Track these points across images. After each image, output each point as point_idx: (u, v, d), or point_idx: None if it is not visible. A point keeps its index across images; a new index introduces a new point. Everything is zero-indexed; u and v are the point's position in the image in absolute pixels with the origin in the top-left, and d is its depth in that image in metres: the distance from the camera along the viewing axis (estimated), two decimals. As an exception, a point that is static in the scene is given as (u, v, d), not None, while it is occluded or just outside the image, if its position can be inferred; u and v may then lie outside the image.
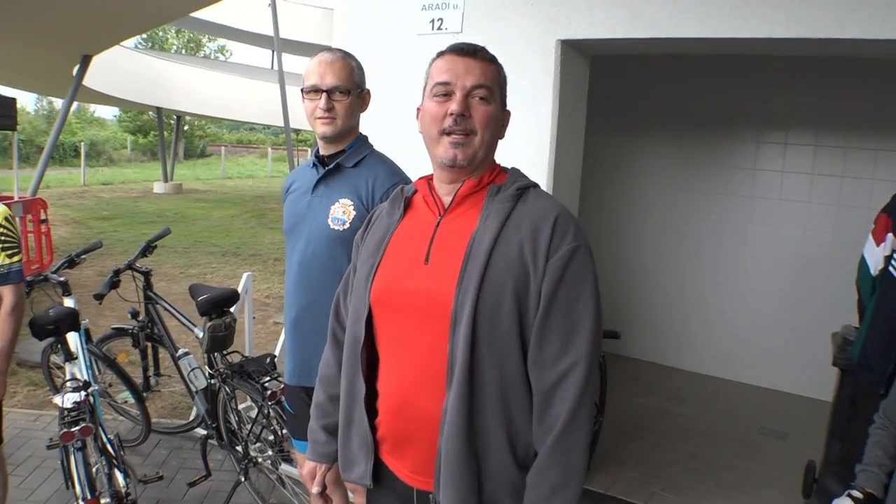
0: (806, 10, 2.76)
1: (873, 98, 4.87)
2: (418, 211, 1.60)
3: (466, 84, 1.48)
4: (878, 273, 2.82)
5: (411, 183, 2.06)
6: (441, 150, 1.50)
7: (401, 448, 1.55)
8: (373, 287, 1.55)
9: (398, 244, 1.57)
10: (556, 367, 1.41)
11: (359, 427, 1.59)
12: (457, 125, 1.47)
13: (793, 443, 4.42)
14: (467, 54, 1.50)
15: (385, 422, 1.56)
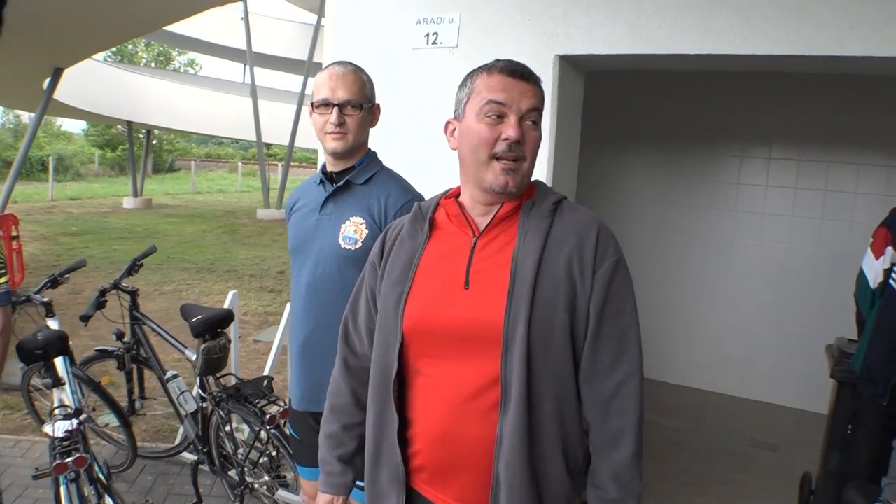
0: (806, 27, 2.79)
1: (855, 113, 4.95)
2: (447, 232, 1.54)
3: (522, 107, 1.43)
4: (877, 286, 2.84)
5: (425, 200, 2.04)
6: (490, 175, 1.45)
7: (443, 477, 1.49)
8: (406, 315, 1.48)
9: (430, 268, 1.50)
10: (611, 379, 1.43)
11: (389, 460, 1.52)
12: (511, 151, 1.43)
13: (784, 454, 4.44)
14: (522, 77, 1.45)
15: (425, 451, 1.50)
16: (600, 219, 1.48)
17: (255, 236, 15.37)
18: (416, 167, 2.59)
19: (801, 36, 2.80)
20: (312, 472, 2.29)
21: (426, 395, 1.49)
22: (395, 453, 1.50)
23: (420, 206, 1.59)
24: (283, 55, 21.74)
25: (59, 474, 2.42)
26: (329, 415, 1.71)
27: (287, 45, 21.79)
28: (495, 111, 1.42)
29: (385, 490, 1.54)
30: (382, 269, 1.58)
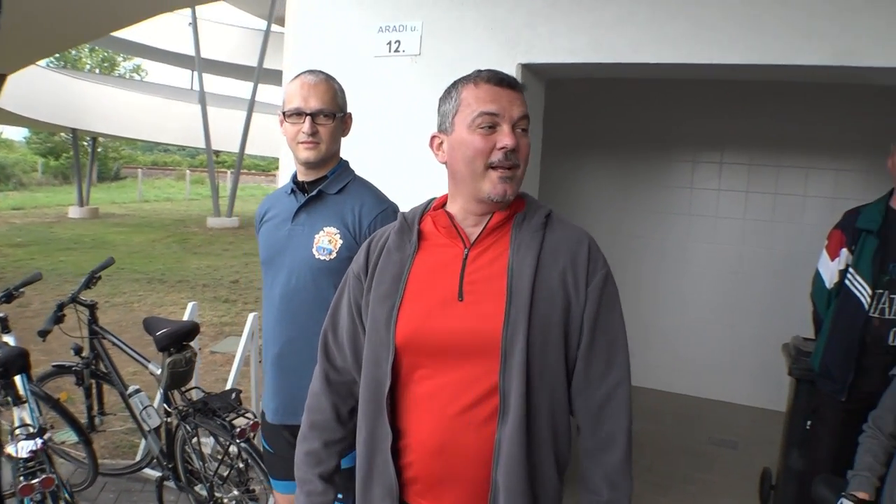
0: (761, 38, 2.89)
1: (803, 119, 5.14)
2: (435, 243, 1.52)
3: (514, 115, 1.43)
4: (832, 286, 2.95)
5: (398, 209, 2.04)
6: (488, 185, 1.44)
7: (438, 488, 1.48)
8: (398, 329, 1.46)
9: (421, 280, 1.49)
10: (603, 387, 1.46)
11: (382, 475, 1.50)
12: (507, 159, 1.42)
13: (743, 451, 4.56)
14: (509, 86, 1.45)
15: (419, 463, 1.48)
16: (588, 233, 1.51)
17: (206, 245, 15.09)
18: (378, 174, 2.57)
19: (755, 46, 2.90)
20: (287, 486, 2.26)
21: (419, 408, 1.47)
22: (388, 468, 1.48)
23: (405, 216, 1.57)
24: (231, 61, 21.42)
25: (25, 496, 2.33)
26: (309, 432, 1.66)
27: (236, 50, 21.49)
28: (488, 122, 1.42)
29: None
30: (369, 281, 1.55)
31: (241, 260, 13.10)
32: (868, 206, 2.90)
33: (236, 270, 11.83)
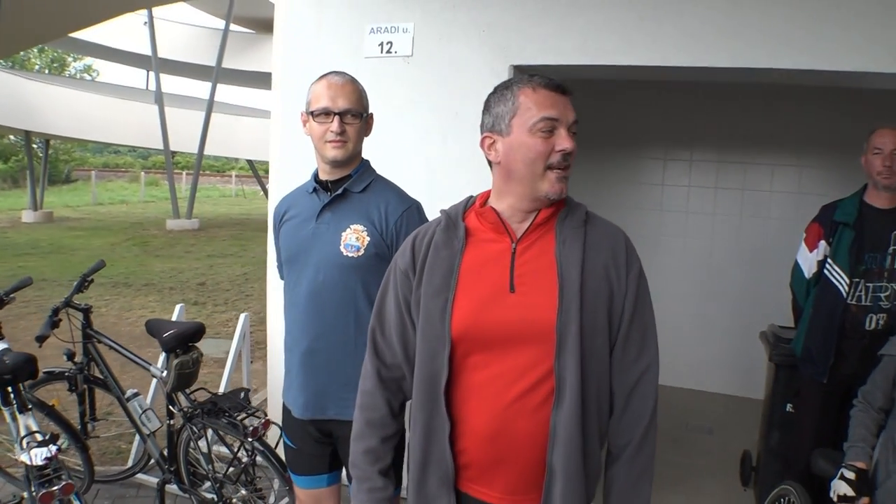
0: (743, 43, 3.05)
1: (768, 119, 5.37)
2: (481, 238, 1.59)
3: (569, 119, 1.53)
4: (811, 276, 3.11)
5: (421, 206, 2.12)
6: (546, 185, 1.52)
7: (490, 472, 1.56)
8: (454, 322, 1.53)
9: (471, 275, 1.56)
10: (636, 368, 1.57)
11: (440, 463, 1.57)
12: (564, 161, 1.52)
13: (719, 436, 4.76)
14: (563, 92, 1.54)
15: (472, 449, 1.56)
16: (622, 229, 1.63)
17: (168, 248, 14.85)
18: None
19: (738, 50, 3.07)
20: (309, 481, 2.31)
21: (474, 396, 1.55)
22: (445, 456, 1.55)
23: (448, 214, 1.65)
24: (188, 60, 21.09)
25: (45, 503, 2.31)
26: (366, 429, 1.69)
27: (193, 50, 21.16)
28: (548, 126, 1.50)
29: (434, 494, 1.59)
30: (418, 278, 1.60)
31: (206, 262, 12.95)
32: (844, 201, 3.07)
33: (202, 273, 11.70)
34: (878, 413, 2.17)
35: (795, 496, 2.38)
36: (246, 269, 12.22)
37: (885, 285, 2.91)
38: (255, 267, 12.51)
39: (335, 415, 2.13)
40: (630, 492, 1.58)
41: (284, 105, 3.83)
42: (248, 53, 21.64)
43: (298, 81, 3.79)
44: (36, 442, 2.49)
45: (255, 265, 12.77)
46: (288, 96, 3.82)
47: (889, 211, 2.94)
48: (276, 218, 2.31)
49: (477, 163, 3.37)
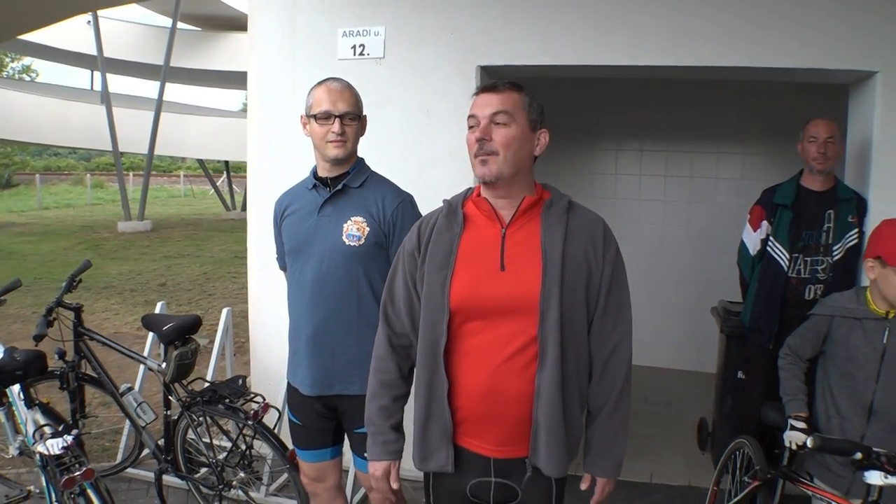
0: (693, 43, 3.36)
1: (713, 110, 5.73)
2: (477, 224, 1.84)
3: (486, 113, 1.77)
4: (756, 253, 3.43)
5: (412, 198, 2.35)
6: (477, 170, 1.79)
7: (484, 427, 1.80)
8: (452, 294, 1.77)
9: (467, 254, 1.80)
10: (612, 339, 1.83)
11: (440, 419, 1.81)
12: (481, 148, 1.76)
13: (675, 408, 5.10)
14: (487, 90, 1.80)
15: (467, 406, 1.80)
16: (601, 217, 1.87)
17: (122, 250, 14.66)
18: None
19: (688, 50, 3.37)
20: (313, 455, 2.52)
21: (469, 359, 1.79)
22: (444, 412, 1.80)
23: (450, 203, 1.89)
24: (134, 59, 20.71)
25: (68, 489, 2.41)
26: (380, 390, 1.94)
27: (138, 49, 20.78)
28: (473, 123, 1.79)
29: (435, 446, 1.83)
30: (422, 257, 1.85)
31: (163, 263, 12.86)
32: (783, 185, 3.40)
33: (161, 273, 11.64)
34: (804, 363, 2.48)
35: (749, 447, 2.67)
36: (205, 269, 12.20)
37: (822, 259, 3.25)
38: (214, 266, 12.50)
39: (341, 390, 2.35)
40: (607, 447, 1.84)
41: (261, 106, 3.99)
42: (196, 51, 21.38)
43: (274, 83, 3.97)
44: (50, 433, 2.60)
45: (214, 264, 12.76)
46: (264, 98, 3.98)
47: (823, 193, 3.28)
48: (278, 213, 2.50)
49: (449, 159, 3.65)
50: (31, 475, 3.89)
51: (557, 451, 1.75)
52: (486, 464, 1.83)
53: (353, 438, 2.44)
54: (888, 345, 2.22)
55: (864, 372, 2.25)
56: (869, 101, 3.36)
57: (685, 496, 3.77)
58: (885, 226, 2.34)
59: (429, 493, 1.96)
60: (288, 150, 3.91)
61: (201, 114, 23.55)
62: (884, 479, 1.85)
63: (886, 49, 3.22)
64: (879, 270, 2.23)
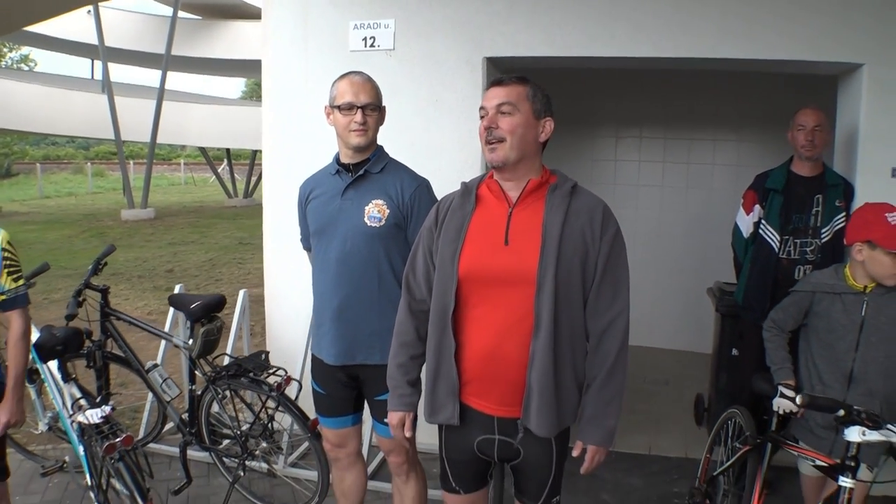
0: (688, 36, 3.54)
1: (710, 99, 5.90)
2: (488, 203, 2.03)
3: (493, 104, 1.96)
4: (749, 235, 3.61)
5: (428, 182, 2.53)
6: (486, 155, 1.98)
7: (486, 387, 2.00)
8: (461, 264, 1.97)
9: (477, 230, 2.00)
10: (608, 315, 1.99)
11: (447, 377, 2.02)
12: (489, 135, 1.95)
13: (674, 387, 5.31)
14: (496, 84, 1.99)
15: (472, 368, 2.00)
16: (603, 200, 2.04)
17: (126, 238, 14.82)
18: None
19: (683, 43, 3.55)
20: (335, 422, 2.72)
21: (475, 325, 1.99)
22: (451, 371, 2.00)
23: (466, 185, 2.09)
24: (134, 48, 20.77)
25: (108, 454, 2.59)
26: (399, 349, 2.18)
27: (138, 38, 20.84)
28: (483, 113, 1.99)
29: (442, 401, 2.04)
30: (438, 231, 2.06)
31: (169, 250, 13.04)
32: (774, 171, 3.57)
33: (167, 260, 11.82)
34: (787, 335, 2.68)
35: (740, 416, 2.87)
36: (210, 255, 12.39)
37: (810, 241, 3.44)
38: (219, 253, 12.69)
39: (363, 360, 2.54)
40: (599, 416, 2.00)
41: (275, 96, 4.16)
42: (196, 40, 21.46)
43: (287, 73, 4.13)
44: (88, 405, 2.79)
45: (219, 251, 12.95)
46: (277, 87, 4.15)
47: (812, 178, 3.46)
48: (302, 197, 2.68)
49: (456, 146, 3.82)
50: (56, 451, 4.09)
51: (547, 414, 1.93)
52: (490, 422, 2.03)
53: (373, 405, 2.63)
54: (866, 316, 2.42)
55: (844, 342, 2.44)
56: (856, 92, 3.54)
57: (681, 467, 3.98)
58: (869, 210, 2.51)
59: (442, 447, 2.17)
60: (301, 138, 4.09)
61: (202, 102, 23.65)
62: (862, 435, 2.03)
63: (872, 43, 3.40)
64: (868, 253, 2.40)
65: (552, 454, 2.05)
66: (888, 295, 2.42)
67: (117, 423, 2.77)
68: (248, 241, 14.48)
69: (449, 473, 2.18)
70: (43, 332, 3.08)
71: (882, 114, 3.45)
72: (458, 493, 2.19)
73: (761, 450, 2.63)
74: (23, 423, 2.58)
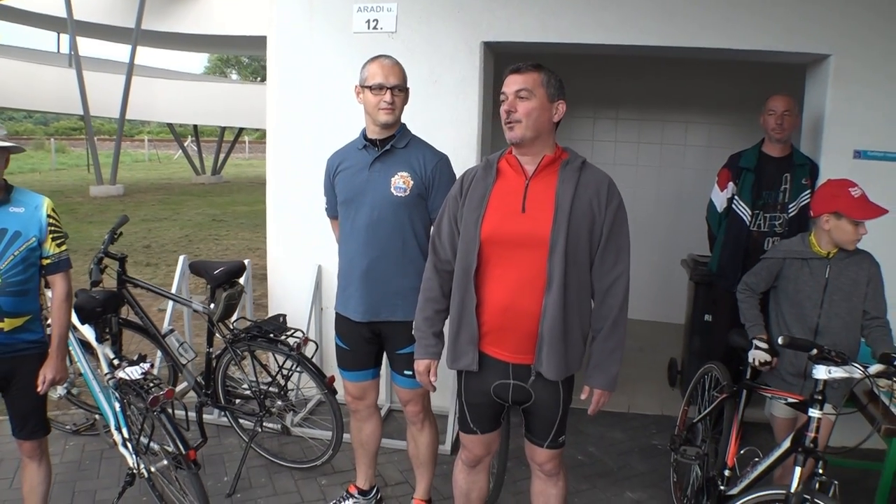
0: (671, 27, 3.84)
1: (683, 82, 6.23)
2: (507, 176, 2.30)
3: (512, 90, 2.23)
4: (722, 210, 3.94)
5: (447, 157, 2.78)
6: (506, 134, 2.25)
7: (502, 336, 2.29)
8: (483, 229, 2.25)
9: (497, 199, 2.27)
10: (611, 275, 2.28)
11: (468, 328, 2.30)
12: (508, 118, 2.23)
13: (648, 353, 5.68)
14: (514, 72, 2.26)
15: (490, 320, 2.28)
16: (609, 175, 2.32)
17: (98, 214, 14.73)
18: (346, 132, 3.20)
19: (668, 31, 3.85)
20: (357, 375, 2.99)
21: (494, 282, 2.26)
22: (472, 322, 2.29)
23: (488, 159, 2.36)
24: (103, 22, 20.36)
25: (153, 406, 2.77)
26: (425, 304, 2.46)
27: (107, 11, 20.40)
28: (503, 98, 2.25)
29: (463, 349, 2.32)
30: (463, 199, 2.33)
31: (142, 226, 13.03)
32: (747, 151, 3.90)
33: (143, 236, 11.84)
34: (759, 296, 3.01)
35: (717, 370, 3.20)
36: (185, 231, 12.45)
37: (779, 215, 3.78)
38: (193, 229, 12.75)
39: (387, 317, 2.81)
40: (603, 363, 2.31)
41: (280, 74, 4.34)
42: (164, 14, 21.11)
43: (292, 53, 4.32)
44: (126, 363, 2.98)
45: (194, 227, 13.01)
46: (283, 66, 4.33)
47: (781, 158, 3.79)
48: (331, 169, 2.92)
49: (454, 124, 4.08)
50: (66, 416, 4.26)
51: (557, 360, 2.22)
52: (505, 368, 2.31)
53: (394, 359, 2.90)
54: (829, 278, 2.76)
55: (810, 301, 2.78)
56: (823, 80, 3.89)
57: (658, 423, 4.35)
58: (834, 185, 2.81)
59: (462, 393, 2.45)
60: (306, 115, 4.30)
61: (169, 77, 23.35)
62: (828, 373, 2.35)
63: (838, 36, 3.75)
64: (834, 222, 2.71)
65: (559, 397, 2.34)
66: (848, 259, 2.76)
67: (157, 378, 2.96)
68: (220, 217, 14.53)
69: (468, 416, 2.47)
70: (81, 295, 3.25)
71: (846, 100, 3.80)
72: (476, 433, 2.48)
73: (737, 397, 2.97)
74: (66, 380, 2.75)
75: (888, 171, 3.81)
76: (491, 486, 3.02)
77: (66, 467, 3.63)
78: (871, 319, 2.76)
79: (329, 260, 4.26)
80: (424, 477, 3.08)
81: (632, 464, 3.84)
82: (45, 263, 2.65)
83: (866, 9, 3.73)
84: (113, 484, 3.44)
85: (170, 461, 2.98)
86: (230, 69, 50.93)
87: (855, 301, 2.76)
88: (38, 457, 2.76)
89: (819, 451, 2.36)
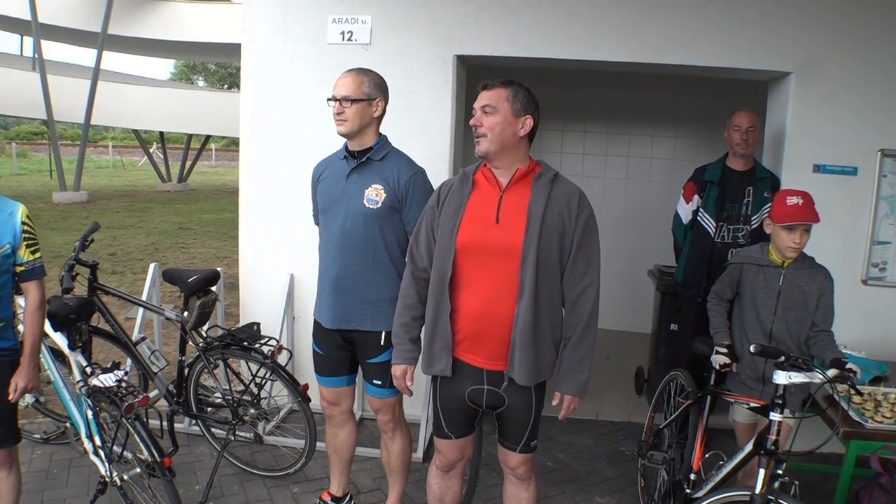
0: (638, 43, 3.96)
1: (649, 97, 6.39)
2: (482, 187, 2.38)
3: (478, 105, 2.33)
4: (688, 222, 4.05)
5: (424, 171, 2.84)
6: (475, 147, 2.34)
7: (476, 343, 2.35)
8: (458, 238, 2.32)
9: (472, 209, 2.34)
10: (581, 284, 2.37)
11: (442, 334, 2.36)
12: (474, 131, 2.33)
13: (615, 362, 5.78)
14: (483, 88, 2.35)
15: (465, 327, 2.35)
16: (579, 188, 2.39)
17: (61, 221, 14.48)
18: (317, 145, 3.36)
19: (633, 48, 3.96)
20: (332, 381, 3.03)
21: (468, 289, 2.33)
22: (446, 328, 2.35)
23: (465, 171, 2.43)
24: (65, 25, 20.05)
25: (129, 413, 2.77)
26: (403, 310, 2.52)
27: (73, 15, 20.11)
28: (473, 113, 2.35)
29: (437, 355, 2.38)
30: (440, 210, 2.40)
31: (107, 234, 12.83)
32: (711, 165, 4.02)
33: (108, 244, 11.66)
34: (726, 304, 3.12)
35: (682, 377, 3.30)
36: (151, 239, 12.30)
37: (742, 227, 3.90)
38: (159, 237, 12.60)
39: (356, 325, 2.85)
40: (573, 370, 2.39)
41: (255, 84, 4.36)
42: (131, 19, 20.89)
43: (267, 63, 4.34)
44: (100, 371, 2.96)
45: (160, 235, 12.85)
46: (257, 77, 4.35)
47: (744, 172, 3.92)
48: (315, 177, 2.97)
49: (426, 136, 4.13)
50: (32, 425, 4.19)
51: (528, 366, 2.29)
52: (479, 374, 2.38)
53: (365, 368, 2.94)
54: (782, 286, 2.89)
55: (765, 307, 2.91)
56: (784, 97, 4.04)
57: (626, 429, 4.45)
58: (779, 194, 2.97)
59: (436, 398, 2.51)
60: (279, 124, 4.32)
61: (137, 83, 23.07)
62: (788, 378, 2.45)
63: (799, 55, 3.91)
64: (773, 229, 2.87)
65: (531, 402, 2.41)
66: (801, 271, 2.89)
67: (131, 386, 2.95)
68: (187, 226, 14.37)
69: (443, 420, 2.52)
70: (54, 302, 3.22)
71: (806, 116, 3.96)
72: (451, 437, 2.54)
73: (702, 402, 3.06)
74: (37, 388, 2.74)
75: (845, 184, 3.97)
76: (464, 492, 3.07)
77: (34, 476, 3.59)
78: (817, 332, 2.90)
79: (302, 269, 4.31)
80: (396, 485, 3.12)
81: (600, 469, 3.92)
82: (18, 271, 2.63)
83: (826, 28, 3.89)
84: (82, 493, 3.42)
85: (143, 469, 2.97)
86: (197, 76, 50.46)
87: (805, 311, 2.90)
88: (9, 465, 2.73)
89: (780, 453, 2.46)
